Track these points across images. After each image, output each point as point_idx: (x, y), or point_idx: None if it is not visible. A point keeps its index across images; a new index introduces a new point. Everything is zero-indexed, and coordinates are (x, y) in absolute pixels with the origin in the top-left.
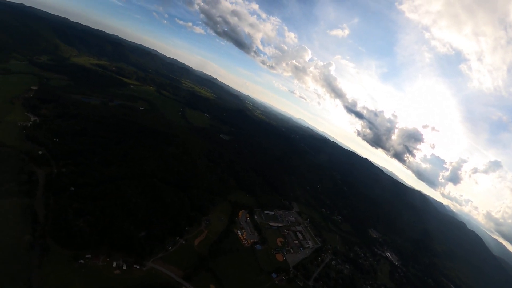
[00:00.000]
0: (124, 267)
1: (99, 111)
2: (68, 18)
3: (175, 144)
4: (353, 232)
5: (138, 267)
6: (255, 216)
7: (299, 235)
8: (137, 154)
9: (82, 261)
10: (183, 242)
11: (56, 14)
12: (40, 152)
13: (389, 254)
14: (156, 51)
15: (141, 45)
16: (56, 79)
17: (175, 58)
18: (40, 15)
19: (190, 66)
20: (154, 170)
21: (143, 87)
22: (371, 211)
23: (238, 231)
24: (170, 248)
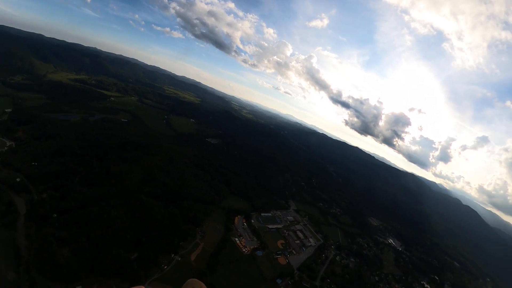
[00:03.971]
0: None
1: (78, 127)
2: (43, 34)
3: (160, 155)
4: (353, 224)
5: None
6: (252, 220)
7: (300, 234)
8: (120, 169)
9: None
10: (179, 259)
11: (29, 31)
12: (18, 179)
13: (392, 241)
14: (137, 60)
15: (120, 55)
16: (32, 99)
17: (157, 65)
18: (12, 33)
19: (172, 72)
20: (140, 185)
21: (125, 98)
22: (368, 199)
23: (236, 239)
24: (165, 267)
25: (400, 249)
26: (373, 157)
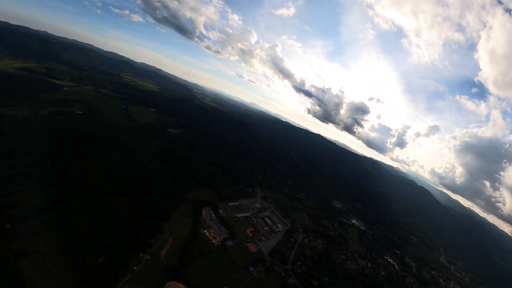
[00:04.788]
0: None
1: (28, 123)
2: None
3: (121, 149)
4: (318, 207)
5: None
6: (220, 211)
7: (268, 220)
8: (77, 168)
9: None
10: (148, 257)
11: None
12: None
13: (355, 221)
14: (92, 45)
15: (74, 40)
16: None
17: (114, 51)
18: None
19: (131, 58)
20: (100, 184)
21: (79, 87)
22: (331, 183)
23: (205, 231)
24: (135, 268)
25: (363, 228)
26: (335, 143)
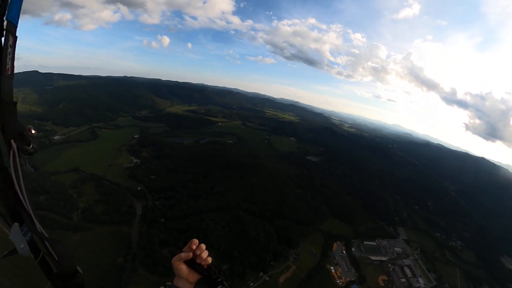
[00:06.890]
0: None
1: (190, 149)
2: (161, 78)
3: (262, 173)
4: (478, 263)
5: None
6: (353, 249)
7: (407, 270)
8: (223, 186)
9: None
10: (267, 279)
11: (150, 77)
12: (139, 188)
13: None
14: (238, 89)
15: (223, 87)
16: (154, 127)
17: (256, 91)
18: (138, 81)
19: (271, 95)
20: (239, 201)
21: (230, 122)
22: (501, 230)
23: (332, 267)
24: (251, 284)
25: None
26: (506, 169)
